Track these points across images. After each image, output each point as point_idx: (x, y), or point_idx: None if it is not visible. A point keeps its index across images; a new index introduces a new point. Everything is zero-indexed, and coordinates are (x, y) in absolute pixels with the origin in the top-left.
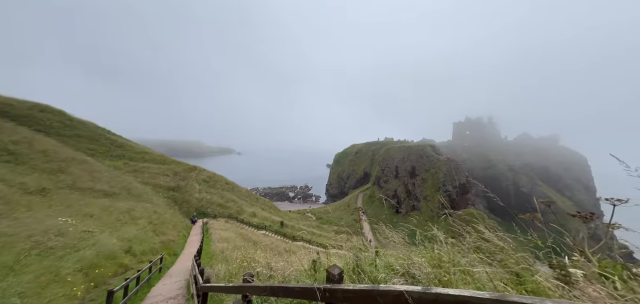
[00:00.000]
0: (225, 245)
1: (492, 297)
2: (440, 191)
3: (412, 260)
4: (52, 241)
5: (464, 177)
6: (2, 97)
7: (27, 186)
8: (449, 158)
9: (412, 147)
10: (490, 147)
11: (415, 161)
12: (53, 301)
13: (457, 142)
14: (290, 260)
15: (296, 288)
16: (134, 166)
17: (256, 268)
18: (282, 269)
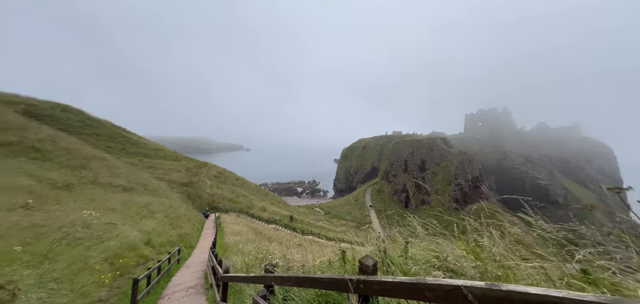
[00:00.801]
0: (237, 238)
1: (600, 300)
2: (451, 184)
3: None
4: (79, 233)
5: (476, 170)
6: (26, 97)
7: (55, 181)
8: (461, 151)
9: (422, 140)
10: (504, 138)
11: (425, 154)
12: (84, 287)
13: (470, 135)
14: (306, 253)
15: (324, 278)
16: (149, 162)
17: (272, 259)
18: (300, 261)
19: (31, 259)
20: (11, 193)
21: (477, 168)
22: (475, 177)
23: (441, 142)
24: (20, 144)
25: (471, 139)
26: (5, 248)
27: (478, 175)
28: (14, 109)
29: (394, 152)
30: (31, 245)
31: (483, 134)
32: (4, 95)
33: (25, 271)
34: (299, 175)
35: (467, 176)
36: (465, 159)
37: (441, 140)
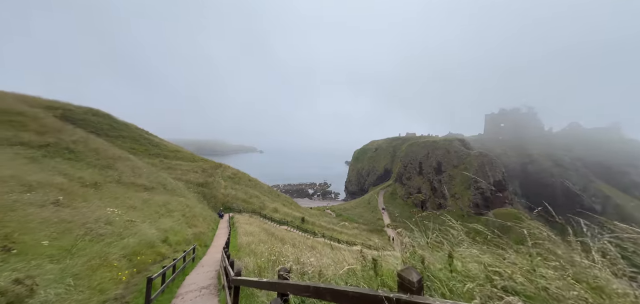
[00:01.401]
0: (250, 239)
1: None
2: (471, 188)
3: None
4: (102, 229)
5: (499, 174)
6: (64, 103)
7: (84, 180)
8: (481, 152)
9: (438, 142)
10: (530, 140)
11: (442, 156)
12: (102, 283)
13: (490, 136)
14: (321, 256)
15: (351, 292)
16: (168, 163)
17: (285, 262)
18: (316, 266)
19: (56, 253)
20: (45, 190)
21: (499, 171)
22: (498, 180)
23: (459, 143)
24: (57, 145)
25: (492, 141)
26: (34, 242)
27: (501, 178)
28: (53, 114)
29: (408, 154)
30: (57, 240)
31: (505, 135)
32: (45, 101)
33: (48, 265)
34: (310, 177)
35: (489, 179)
36: (486, 161)
37: (459, 141)
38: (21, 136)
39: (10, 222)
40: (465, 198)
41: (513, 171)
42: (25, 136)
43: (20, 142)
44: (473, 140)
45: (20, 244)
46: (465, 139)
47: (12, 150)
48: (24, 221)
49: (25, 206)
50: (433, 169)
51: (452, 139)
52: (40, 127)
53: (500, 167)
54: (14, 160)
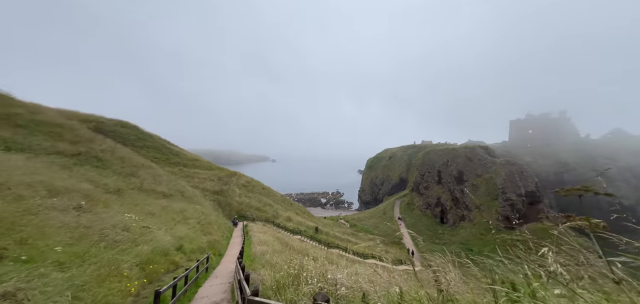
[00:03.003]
0: (265, 248)
1: None
2: (498, 199)
3: None
4: (118, 235)
5: (531, 184)
6: (97, 116)
7: (108, 187)
8: (509, 161)
9: (458, 149)
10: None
11: (463, 164)
12: (108, 296)
13: (516, 143)
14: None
15: None
16: (187, 171)
17: (307, 277)
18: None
19: (67, 260)
20: (70, 196)
21: (532, 181)
22: (531, 191)
23: (482, 151)
24: (87, 154)
25: (519, 148)
26: (46, 248)
27: (534, 189)
28: (87, 126)
29: (425, 163)
30: (71, 246)
31: (535, 142)
32: (82, 114)
33: (54, 274)
34: (322, 186)
35: (520, 190)
36: (515, 170)
37: (482, 149)
38: (57, 146)
39: (28, 227)
40: (492, 210)
41: (545, 182)
42: (61, 146)
43: (56, 152)
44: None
45: (33, 250)
46: (488, 147)
47: (49, 158)
48: (42, 225)
49: (48, 210)
50: (453, 178)
51: (473, 147)
52: (74, 138)
53: (532, 177)
54: (49, 167)
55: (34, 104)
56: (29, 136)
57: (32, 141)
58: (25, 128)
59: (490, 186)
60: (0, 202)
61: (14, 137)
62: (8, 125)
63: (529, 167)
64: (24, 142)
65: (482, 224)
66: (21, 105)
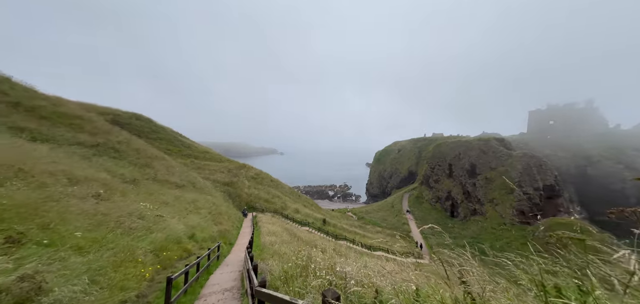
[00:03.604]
0: (273, 239)
1: None
2: (514, 193)
3: None
4: (134, 223)
5: (551, 177)
6: (114, 109)
7: (125, 177)
8: (527, 153)
9: (471, 142)
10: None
11: (476, 157)
12: (124, 280)
13: (535, 135)
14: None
15: None
16: (198, 163)
17: (316, 270)
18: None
19: (86, 245)
20: (89, 184)
21: (551, 174)
22: (550, 185)
23: (497, 143)
24: (105, 145)
25: (538, 141)
26: (67, 233)
27: (554, 183)
28: (105, 118)
29: (436, 156)
30: (90, 232)
31: (556, 134)
32: (99, 107)
33: (73, 258)
34: (330, 178)
35: (537, 183)
36: (533, 163)
37: (497, 141)
38: (78, 137)
39: (50, 213)
40: (507, 204)
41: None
42: (81, 137)
43: (77, 142)
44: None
45: (54, 234)
46: (504, 139)
47: (70, 149)
48: (63, 212)
49: (68, 198)
50: (465, 171)
51: (488, 139)
52: (93, 129)
53: (551, 170)
54: (70, 157)
55: (56, 97)
56: (52, 128)
57: (55, 132)
58: (48, 120)
59: (505, 180)
60: (25, 189)
61: (39, 128)
62: (33, 117)
63: (548, 160)
64: (48, 133)
65: (495, 219)
66: (44, 98)
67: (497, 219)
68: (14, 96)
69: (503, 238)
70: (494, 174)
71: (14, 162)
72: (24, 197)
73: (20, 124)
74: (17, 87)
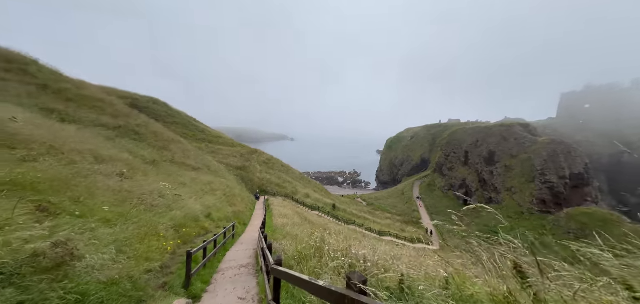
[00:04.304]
0: (285, 221)
1: None
2: (535, 181)
3: None
4: (155, 200)
5: (579, 165)
6: (132, 93)
7: (145, 158)
8: (555, 140)
9: (491, 128)
10: (632, 123)
11: (496, 144)
12: (149, 252)
13: (566, 121)
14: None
15: None
16: (212, 147)
17: (330, 251)
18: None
19: (113, 218)
20: (114, 163)
21: (580, 162)
22: (578, 173)
23: (521, 129)
24: (126, 127)
25: (568, 126)
26: (95, 207)
27: (582, 171)
28: (124, 102)
29: (451, 142)
30: (116, 207)
31: (591, 118)
32: (119, 91)
33: (103, 229)
34: (340, 165)
35: (563, 171)
36: (560, 150)
37: (521, 127)
38: (101, 119)
39: (79, 188)
40: (526, 193)
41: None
42: (104, 119)
43: (101, 124)
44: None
45: (84, 207)
46: (530, 125)
47: (95, 130)
48: (91, 187)
49: (95, 175)
50: (483, 159)
51: (511, 124)
52: (114, 112)
53: (582, 157)
54: (95, 138)
55: (79, 80)
56: (77, 110)
57: (81, 114)
58: (74, 102)
59: (526, 168)
60: (56, 165)
61: (66, 110)
62: (60, 99)
63: (579, 146)
64: (74, 115)
65: (512, 207)
66: (68, 81)
67: (515, 207)
68: (42, 79)
69: (520, 227)
70: (514, 162)
71: (46, 140)
72: (56, 172)
73: (50, 105)
74: (44, 69)
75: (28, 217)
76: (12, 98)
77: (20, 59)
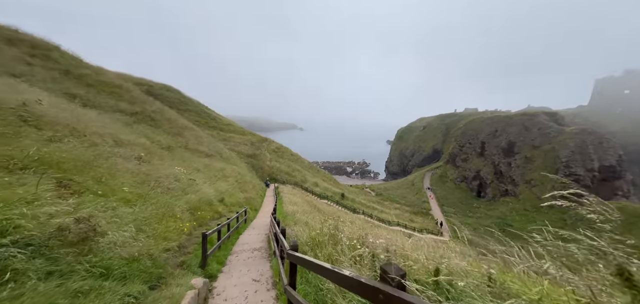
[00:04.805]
0: (295, 208)
1: None
2: (559, 173)
3: None
4: (171, 184)
5: (612, 156)
6: (148, 80)
7: (161, 143)
8: (585, 129)
9: (513, 117)
10: None
11: (517, 134)
12: (166, 232)
13: (599, 108)
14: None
15: None
16: (223, 135)
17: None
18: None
19: (132, 198)
20: (132, 147)
21: (613, 153)
22: (609, 166)
23: (546, 118)
24: (142, 113)
25: (601, 114)
26: (116, 187)
27: (615, 163)
28: (140, 88)
29: (467, 133)
30: (135, 188)
31: (631, 106)
32: (134, 78)
33: (123, 208)
34: (348, 155)
35: (592, 163)
36: (591, 140)
37: (546, 116)
38: (119, 105)
39: (100, 168)
40: (547, 186)
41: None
42: (122, 105)
43: (119, 110)
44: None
45: (105, 187)
46: (557, 113)
47: (114, 115)
48: (112, 168)
49: (115, 157)
50: (501, 150)
51: (534, 113)
52: (131, 98)
53: (615, 148)
54: (114, 123)
55: (97, 67)
56: (97, 95)
57: (100, 100)
58: (94, 88)
59: (549, 159)
60: (79, 147)
61: (87, 95)
62: (81, 84)
63: (613, 137)
64: (95, 100)
65: (530, 200)
66: (87, 66)
67: (532, 200)
68: (64, 64)
69: (537, 220)
70: (536, 153)
71: (69, 123)
72: (79, 153)
73: (72, 90)
74: (66, 55)
75: (54, 194)
76: (38, 83)
77: (43, 45)
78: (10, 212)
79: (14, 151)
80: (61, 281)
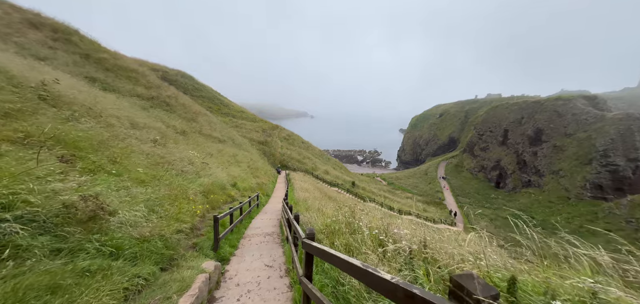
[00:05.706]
0: (306, 195)
1: None
2: (593, 163)
3: None
4: (185, 167)
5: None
6: (163, 66)
7: (176, 128)
8: (631, 114)
9: (543, 102)
10: None
11: (546, 121)
12: (179, 214)
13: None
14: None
15: None
16: (235, 122)
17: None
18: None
19: (146, 179)
20: (148, 130)
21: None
22: None
23: (584, 103)
24: (158, 98)
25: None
26: (131, 167)
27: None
28: (156, 74)
29: (488, 120)
30: (149, 169)
31: None
32: (150, 63)
33: (136, 188)
34: (359, 144)
35: (636, 152)
36: (637, 126)
37: (584, 100)
38: (136, 89)
39: (116, 149)
40: (578, 177)
41: None
42: (138, 90)
43: (136, 94)
44: (613, 98)
45: (120, 167)
46: (597, 96)
47: (131, 99)
48: (127, 149)
49: (131, 139)
50: (527, 138)
51: (569, 97)
52: (147, 83)
53: None
54: (132, 107)
55: (114, 51)
56: (116, 79)
57: (118, 84)
58: (112, 72)
59: (584, 148)
60: (96, 127)
61: (106, 79)
62: (100, 68)
63: None
64: (113, 84)
65: (556, 192)
66: (105, 51)
67: (559, 192)
68: (84, 48)
69: (563, 213)
70: (567, 142)
71: (86, 103)
72: (96, 133)
73: (93, 74)
74: (85, 39)
75: (64, 169)
76: (61, 66)
77: (64, 29)
78: (18, 187)
79: (31, 127)
80: (68, 259)
